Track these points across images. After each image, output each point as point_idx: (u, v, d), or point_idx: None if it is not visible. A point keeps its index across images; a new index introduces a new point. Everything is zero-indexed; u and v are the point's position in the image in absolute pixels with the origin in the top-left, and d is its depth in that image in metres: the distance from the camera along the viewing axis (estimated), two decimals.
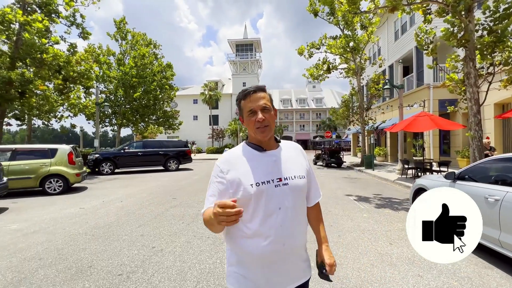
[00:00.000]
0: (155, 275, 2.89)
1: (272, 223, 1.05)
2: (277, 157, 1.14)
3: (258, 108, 1.10)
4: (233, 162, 1.11)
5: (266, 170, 1.09)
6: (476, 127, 6.90)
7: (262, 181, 1.06)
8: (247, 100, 1.12)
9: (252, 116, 1.10)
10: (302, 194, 1.16)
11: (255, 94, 1.11)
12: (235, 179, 1.06)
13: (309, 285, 1.21)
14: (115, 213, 5.65)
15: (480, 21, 7.13)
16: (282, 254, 1.07)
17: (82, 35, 13.10)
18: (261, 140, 1.13)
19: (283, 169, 1.12)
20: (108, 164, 13.00)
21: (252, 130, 1.12)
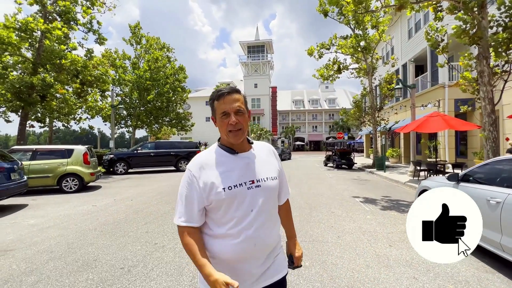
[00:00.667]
0: (154, 270, 3.03)
1: (244, 225, 1.06)
2: (250, 159, 1.14)
3: (232, 111, 1.07)
4: (204, 166, 1.10)
5: (238, 173, 1.09)
6: (490, 127, 6.63)
7: (234, 184, 1.06)
8: (221, 101, 1.09)
9: (225, 118, 1.08)
10: (274, 195, 1.17)
11: (229, 96, 1.08)
12: (207, 183, 1.06)
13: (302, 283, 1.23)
14: (124, 211, 5.90)
15: (495, 17, 6.85)
16: (253, 253, 1.08)
17: (99, 41, 13.71)
18: (233, 143, 1.12)
19: (255, 171, 1.12)
20: (122, 164, 13.50)
21: (225, 133, 1.10)
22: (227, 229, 1.06)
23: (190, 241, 1.04)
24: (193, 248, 1.03)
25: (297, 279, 2.78)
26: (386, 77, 15.19)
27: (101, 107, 17.09)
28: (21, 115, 11.62)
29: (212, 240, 1.10)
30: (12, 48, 10.07)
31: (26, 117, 11.86)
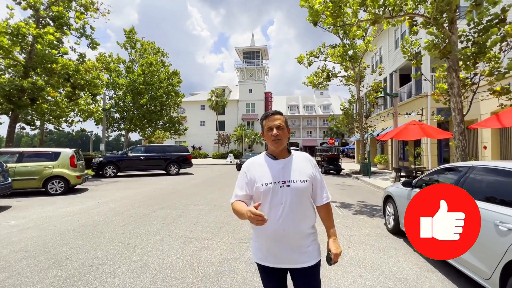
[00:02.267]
0: (121, 268, 3.22)
1: (275, 214, 1.40)
2: (285, 164, 1.49)
3: (274, 126, 1.48)
4: (252, 165, 1.54)
5: (274, 174, 1.45)
6: (460, 136, 6.95)
7: (270, 182, 1.43)
8: (267, 120, 1.52)
9: (270, 131, 1.49)
10: (302, 194, 1.45)
11: (273, 116, 1.51)
12: (252, 179, 1.48)
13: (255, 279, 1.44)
14: (106, 213, 6.06)
15: (465, 32, 7.25)
16: (282, 237, 1.41)
17: (91, 46, 13.93)
18: (274, 150, 1.51)
19: (288, 173, 1.45)
20: (112, 168, 13.61)
21: (269, 142, 1.51)
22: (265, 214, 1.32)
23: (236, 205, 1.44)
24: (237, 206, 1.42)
25: (251, 276, 3.00)
26: (373, 85, 15.62)
27: (93, 110, 17.21)
28: (11, 117, 11.72)
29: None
30: (3, 51, 10.24)
31: (16, 119, 11.97)
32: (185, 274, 3.04)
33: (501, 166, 2.59)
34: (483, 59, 6.74)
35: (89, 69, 14.06)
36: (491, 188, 2.67)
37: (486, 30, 6.68)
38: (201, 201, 7.38)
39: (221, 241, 4.18)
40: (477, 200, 2.66)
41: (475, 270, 2.48)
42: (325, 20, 7.56)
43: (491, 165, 2.75)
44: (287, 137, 1.54)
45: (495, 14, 6.57)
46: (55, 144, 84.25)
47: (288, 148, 1.57)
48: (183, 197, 8.00)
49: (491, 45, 6.45)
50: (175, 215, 5.84)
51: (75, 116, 17.77)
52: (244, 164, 1.57)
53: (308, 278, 1.46)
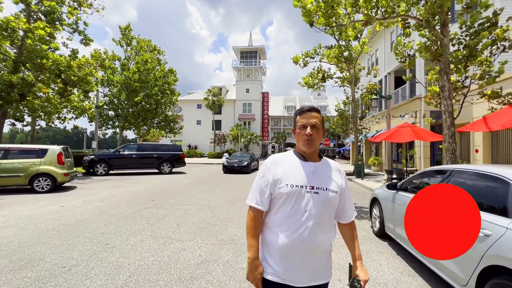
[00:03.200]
0: (95, 269, 3.12)
1: (295, 222, 1.21)
2: (316, 168, 1.30)
3: (309, 125, 1.29)
4: (278, 162, 1.33)
5: (302, 177, 1.26)
6: (450, 139, 6.93)
7: (296, 184, 1.24)
8: (302, 116, 1.32)
9: (303, 130, 1.30)
10: (329, 205, 1.26)
11: (309, 113, 1.31)
12: (275, 176, 1.28)
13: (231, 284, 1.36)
14: (90, 212, 5.94)
15: (457, 35, 7.24)
16: (300, 250, 1.21)
17: (84, 42, 13.75)
18: (305, 151, 1.32)
19: (317, 180, 1.27)
20: (103, 166, 13.43)
21: (300, 142, 1.32)
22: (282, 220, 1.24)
23: (253, 225, 1.30)
24: (251, 231, 1.29)
25: (228, 279, 2.91)
26: (367, 87, 15.62)
27: (86, 107, 16.99)
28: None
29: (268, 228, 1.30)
30: None
31: (5, 115, 11.76)
32: (159, 277, 2.95)
33: (480, 170, 2.54)
34: (474, 63, 6.73)
35: (82, 66, 13.86)
36: (470, 192, 2.62)
37: (478, 33, 6.67)
38: (189, 201, 7.28)
39: (203, 242, 4.09)
40: None
41: (453, 276, 2.43)
42: (317, 21, 7.51)
43: (471, 168, 2.70)
44: (320, 139, 1.34)
45: (487, 17, 6.55)
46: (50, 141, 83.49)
47: (319, 153, 1.38)
48: (171, 197, 7.89)
49: (482, 48, 6.44)
50: (160, 214, 5.73)
51: (68, 113, 17.57)
52: (268, 160, 1.37)
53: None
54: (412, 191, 3.53)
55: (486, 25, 6.62)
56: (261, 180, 1.32)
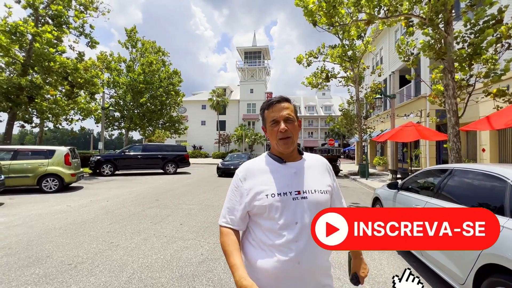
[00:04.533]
0: (99, 266, 3.21)
1: (286, 238, 0.98)
2: (298, 169, 1.10)
3: (281, 118, 1.07)
4: (252, 171, 1.10)
5: (284, 182, 1.05)
6: (454, 138, 6.87)
7: (278, 192, 1.02)
8: (270, 110, 1.10)
9: (275, 126, 1.08)
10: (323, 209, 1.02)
11: (279, 104, 1.09)
12: (252, 188, 1.05)
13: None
14: (96, 211, 6.07)
15: (461, 33, 7.16)
16: (296, 273, 0.98)
17: (90, 45, 14.00)
18: (282, 152, 1.10)
19: (303, 182, 1.07)
20: (109, 166, 13.66)
21: (275, 141, 1.09)
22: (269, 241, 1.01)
23: (226, 240, 1.03)
24: (228, 248, 1.01)
25: (228, 277, 2.97)
26: (372, 87, 15.52)
27: (92, 108, 17.29)
28: (9, 115, 11.81)
29: (251, 248, 1.07)
30: (1, 49, 10.32)
31: (14, 117, 12.06)
32: (162, 274, 3.02)
33: (479, 169, 2.54)
34: (478, 61, 6.65)
35: (88, 68, 14.12)
36: (469, 191, 2.62)
37: (482, 31, 6.59)
38: (192, 201, 7.36)
39: (205, 241, 4.16)
40: (454, 202, 2.61)
41: (451, 275, 2.44)
42: (320, 20, 7.51)
43: (471, 167, 2.69)
44: (298, 133, 1.11)
45: (492, 15, 6.47)
46: (59, 142, 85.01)
47: (299, 149, 1.18)
48: (175, 197, 7.99)
49: (487, 46, 6.37)
50: (164, 214, 5.82)
51: (75, 115, 17.91)
52: (239, 170, 1.14)
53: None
54: (413, 190, 3.53)
55: (491, 22, 6.54)
56: (233, 195, 1.10)
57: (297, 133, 1.11)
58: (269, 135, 1.12)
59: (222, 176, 13.80)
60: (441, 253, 2.59)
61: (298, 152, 1.17)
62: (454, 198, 2.68)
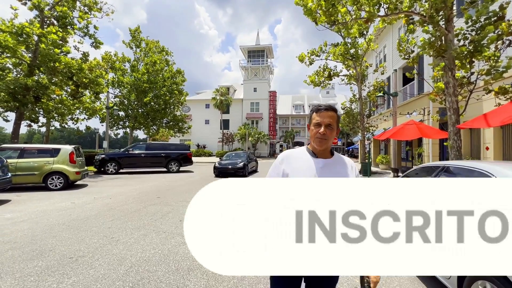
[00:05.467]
0: (99, 260, 3.33)
1: None
2: (326, 165, 1.36)
3: (324, 124, 1.34)
4: (289, 158, 1.42)
5: (311, 172, 1.32)
6: (455, 136, 6.84)
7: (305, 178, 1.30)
8: (318, 114, 1.38)
9: (317, 127, 1.36)
10: None
11: (326, 112, 1.36)
12: (286, 170, 1.37)
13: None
14: (99, 208, 6.22)
15: (462, 30, 7.10)
16: None
17: (94, 45, 14.22)
18: (316, 148, 1.38)
19: (326, 174, 1.32)
20: (113, 165, 13.88)
21: (313, 138, 1.39)
22: None
23: None
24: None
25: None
26: (374, 85, 15.44)
27: (97, 108, 17.58)
28: (16, 114, 12.10)
29: None
30: (8, 50, 10.58)
31: (21, 116, 12.35)
32: (158, 268, 3.12)
33: (468, 166, 2.57)
34: (479, 58, 6.60)
35: (93, 68, 14.35)
36: None
37: (483, 28, 6.53)
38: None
39: None
40: None
41: None
42: (319, 19, 7.53)
43: (461, 164, 2.72)
44: (333, 138, 1.38)
45: (494, 11, 6.41)
46: (65, 141, 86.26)
47: (331, 150, 1.44)
48: (177, 194, 8.12)
49: (488, 43, 6.31)
50: (165, 211, 5.94)
51: (80, 114, 18.22)
52: (280, 155, 1.46)
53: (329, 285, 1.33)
54: None
55: (492, 19, 6.48)
56: (273, 172, 1.43)
57: (332, 138, 1.38)
58: (311, 133, 1.41)
59: (219, 176, 12.84)
60: None
61: (330, 152, 1.43)
62: None
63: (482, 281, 1.88)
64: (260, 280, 2.88)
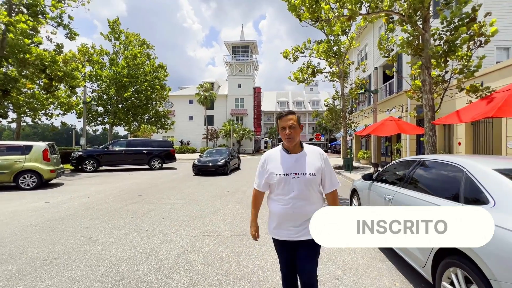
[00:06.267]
0: (76, 261, 3.18)
1: (288, 198, 1.73)
2: (297, 158, 1.77)
3: (287, 126, 1.73)
4: (270, 158, 1.84)
5: (287, 167, 1.74)
6: (430, 132, 7.14)
7: (283, 173, 1.73)
8: (281, 120, 1.77)
9: (283, 130, 1.75)
10: (310, 185, 1.73)
11: (286, 117, 1.76)
12: (269, 169, 1.79)
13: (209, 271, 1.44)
14: (76, 207, 5.95)
15: (438, 31, 7.39)
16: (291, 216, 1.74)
17: (69, 36, 13.44)
18: (288, 146, 1.78)
19: (299, 167, 1.74)
20: (91, 162, 13.31)
21: (283, 139, 1.78)
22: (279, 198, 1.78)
23: (253, 199, 1.96)
24: (252, 203, 1.97)
25: (206, 268, 3.03)
26: (356, 82, 15.81)
27: (73, 103, 16.68)
28: None
29: (271, 201, 1.87)
30: None
31: None
32: (139, 267, 3.04)
33: (442, 160, 2.69)
34: (453, 57, 6.92)
35: (68, 60, 13.58)
36: (432, 180, 2.78)
37: (457, 29, 6.84)
38: (177, 196, 7.34)
39: (186, 234, 4.19)
40: (419, 191, 2.76)
41: (415, 259, 2.59)
42: (303, 15, 7.56)
43: (435, 158, 2.85)
44: (299, 134, 1.77)
45: (466, 13, 6.72)
46: (39, 138, 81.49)
47: (301, 143, 1.82)
48: (159, 192, 7.94)
49: (461, 44, 6.62)
50: (146, 209, 5.79)
51: (55, 109, 17.22)
52: (264, 155, 1.89)
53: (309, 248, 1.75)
54: (385, 181, 3.69)
55: (465, 20, 6.80)
56: (259, 172, 1.88)
57: (298, 134, 1.77)
58: (281, 136, 1.79)
59: (199, 174, 12.32)
60: None
61: (300, 146, 1.82)
62: (419, 187, 2.83)
63: (453, 268, 1.99)
64: (244, 275, 2.88)
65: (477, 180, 2.09)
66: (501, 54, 13.56)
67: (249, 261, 3.22)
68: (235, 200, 6.81)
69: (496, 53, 13.43)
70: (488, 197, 1.93)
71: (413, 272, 2.91)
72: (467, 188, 2.15)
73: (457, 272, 1.96)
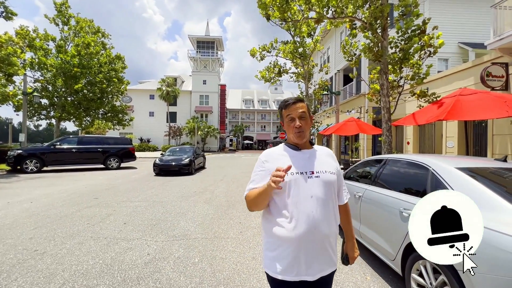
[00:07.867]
0: (18, 279, 2.71)
1: (304, 209, 1.19)
2: (311, 155, 1.34)
3: (297, 116, 1.31)
4: (272, 156, 1.34)
5: (300, 164, 1.27)
6: (387, 132, 7.75)
7: (297, 171, 1.24)
8: (288, 109, 1.33)
9: (291, 122, 1.32)
10: (332, 187, 1.30)
11: (295, 105, 1.33)
12: (271, 168, 1.24)
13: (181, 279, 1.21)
14: (15, 215, 5.13)
15: (394, 39, 8.03)
16: (314, 237, 1.19)
17: (5, 15, 11.57)
18: (297, 143, 1.34)
19: (315, 164, 1.29)
20: (34, 162, 11.68)
21: (291, 134, 1.34)
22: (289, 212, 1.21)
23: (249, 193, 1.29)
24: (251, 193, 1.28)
25: (178, 276, 2.82)
26: (319, 83, 16.52)
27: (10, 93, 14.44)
28: None
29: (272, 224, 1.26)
30: None
31: None
32: (100, 281, 2.70)
33: (408, 159, 2.89)
34: (407, 65, 7.59)
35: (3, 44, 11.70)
36: (399, 178, 2.97)
37: (410, 39, 7.52)
38: (138, 197, 6.81)
39: (152, 240, 3.87)
40: (388, 189, 2.92)
41: (384, 253, 2.74)
42: (273, 14, 7.59)
43: (402, 157, 3.05)
44: (310, 127, 1.37)
45: (418, 25, 7.41)
46: None
47: (310, 140, 1.42)
48: (118, 194, 7.29)
49: (413, 52, 7.29)
50: (104, 214, 5.24)
51: None
52: (262, 155, 1.37)
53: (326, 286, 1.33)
54: (354, 179, 3.86)
55: (417, 32, 7.51)
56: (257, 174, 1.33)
57: (309, 128, 1.35)
58: (287, 129, 1.37)
59: (161, 174, 11.50)
60: (376, 234, 2.89)
61: (309, 143, 1.41)
62: (387, 185, 3.00)
63: (422, 261, 2.13)
64: (220, 281, 2.74)
65: (441, 178, 2.27)
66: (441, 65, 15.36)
67: (224, 265, 3.09)
68: (203, 201, 6.57)
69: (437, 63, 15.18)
70: None
71: (382, 265, 3.08)
72: (433, 185, 2.32)
73: (426, 264, 2.10)
